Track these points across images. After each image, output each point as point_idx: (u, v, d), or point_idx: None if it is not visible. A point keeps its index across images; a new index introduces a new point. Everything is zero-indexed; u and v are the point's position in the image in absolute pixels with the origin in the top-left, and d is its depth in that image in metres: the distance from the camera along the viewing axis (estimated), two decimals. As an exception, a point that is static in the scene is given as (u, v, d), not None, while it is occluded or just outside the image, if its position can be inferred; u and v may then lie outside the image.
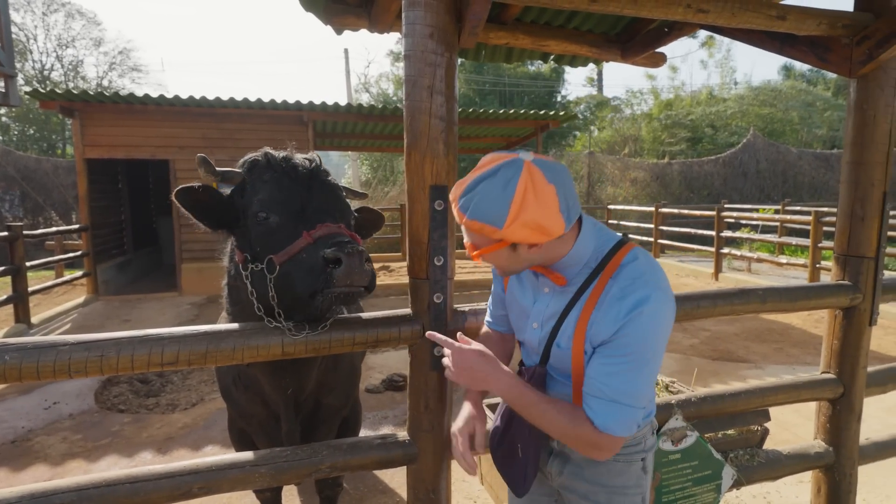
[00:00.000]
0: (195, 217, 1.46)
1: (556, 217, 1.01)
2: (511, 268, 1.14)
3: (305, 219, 1.41)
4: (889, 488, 2.82)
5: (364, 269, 1.27)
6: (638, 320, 1.03)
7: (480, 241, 1.07)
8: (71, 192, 14.20)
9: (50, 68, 23.73)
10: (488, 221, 1.00)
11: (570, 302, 1.13)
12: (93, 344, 1.25)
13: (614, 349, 1.06)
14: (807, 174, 18.19)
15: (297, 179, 1.47)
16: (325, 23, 2.51)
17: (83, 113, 7.53)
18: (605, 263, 1.10)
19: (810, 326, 6.36)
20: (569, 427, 1.08)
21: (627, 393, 1.05)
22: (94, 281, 7.98)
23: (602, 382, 1.06)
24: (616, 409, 1.06)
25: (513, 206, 0.98)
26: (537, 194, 0.99)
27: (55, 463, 3.19)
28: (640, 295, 1.04)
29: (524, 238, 1.02)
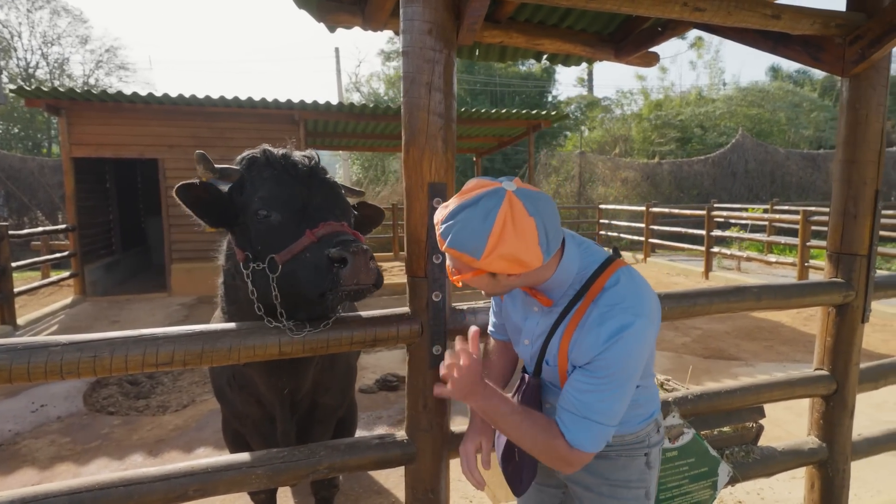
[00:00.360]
0: (195, 214, 1.43)
1: (535, 250, 1.02)
2: (494, 291, 1.15)
3: (307, 217, 1.39)
4: (880, 483, 2.85)
5: (370, 268, 1.27)
6: (615, 347, 1.05)
7: (461, 266, 1.09)
8: (57, 191, 13.99)
9: (35, 66, 23.39)
10: (467, 251, 1.01)
11: (556, 322, 1.16)
12: (85, 344, 1.23)
13: (592, 370, 1.08)
14: (794, 174, 18.41)
15: (298, 177, 1.45)
16: (318, 20, 2.49)
17: (70, 111, 7.42)
18: (589, 286, 1.12)
19: (799, 324, 6.44)
20: (541, 439, 1.10)
21: (600, 411, 1.07)
22: (81, 281, 7.86)
23: (576, 399, 1.09)
24: (587, 425, 1.08)
25: (491, 238, 0.99)
26: (516, 227, 0.99)
27: (43, 466, 3.13)
28: (618, 323, 1.05)
29: (501, 269, 1.03)
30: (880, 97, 1.97)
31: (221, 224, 1.49)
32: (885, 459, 2.89)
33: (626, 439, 1.25)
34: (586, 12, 2.67)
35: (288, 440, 1.74)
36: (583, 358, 1.09)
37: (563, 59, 3.25)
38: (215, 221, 1.47)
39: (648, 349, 1.11)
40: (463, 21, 1.47)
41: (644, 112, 23.16)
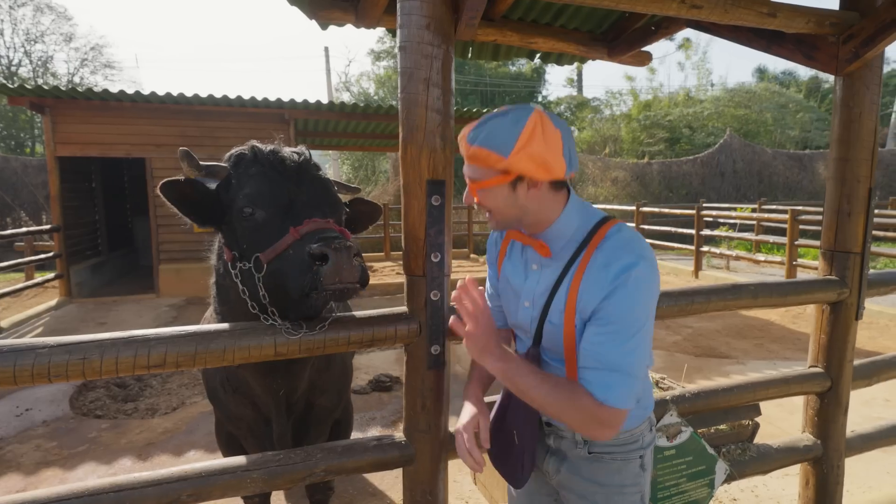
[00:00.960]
0: (181, 212, 1.39)
1: (560, 158, 1.06)
2: (505, 215, 1.14)
3: (293, 214, 1.35)
4: (871, 479, 2.88)
5: (353, 265, 1.22)
6: (625, 287, 1.03)
7: (482, 174, 1.10)
8: (41, 191, 13.75)
9: (18, 64, 23.00)
10: (494, 149, 1.04)
11: (560, 277, 1.13)
12: (74, 346, 1.19)
13: (605, 318, 1.05)
14: (781, 174, 18.64)
15: (285, 173, 1.41)
16: (310, 17, 2.45)
17: (55, 109, 7.29)
18: (591, 236, 1.12)
19: (788, 322, 6.50)
20: (567, 403, 1.05)
21: (623, 361, 1.04)
22: (66, 283, 7.72)
23: (596, 352, 1.05)
24: (614, 378, 1.04)
25: (521, 137, 1.03)
26: (545, 133, 1.04)
27: (29, 472, 3.06)
28: (626, 261, 1.05)
29: (527, 170, 1.05)
30: (873, 95, 1.98)
31: (209, 223, 1.45)
32: (876, 455, 2.91)
33: (619, 437, 1.21)
34: (580, 11, 2.66)
35: (284, 443, 1.70)
36: (592, 303, 1.06)
37: (556, 58, 3.25)
38: (202, 220, 1.43)
39: (656, 294, 1.09)
40: (461, 16, 1.45)
41: (633, 112, 23.32)
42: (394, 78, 23.41)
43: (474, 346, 1.12)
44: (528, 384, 1.08)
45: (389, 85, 23.50)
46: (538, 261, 1.19)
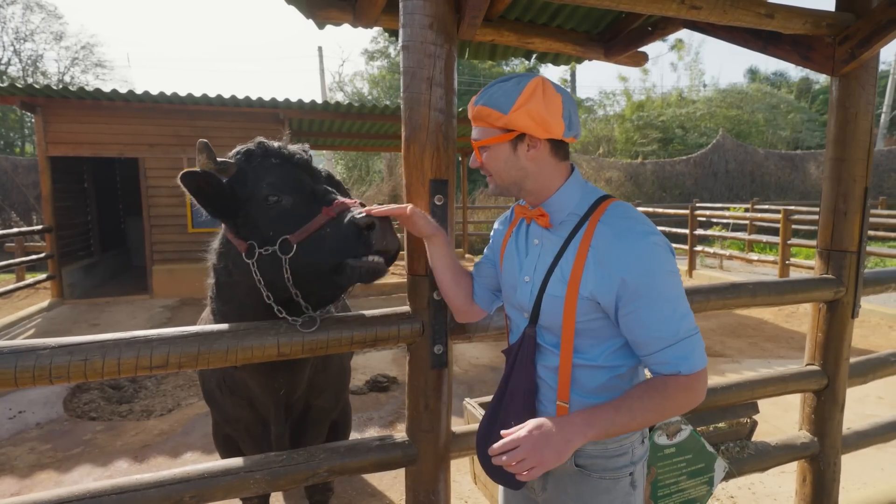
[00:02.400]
0: (199, 202, 1.40)
1: (559, 119, 1.09)
2: (506, 177, 1.16)
3: (318, 199, 1.42)
4: (865, 476, 2.91)
5: (394, 234, 1.32)
6: (653, 253, 1.02)
7: (485, 133, 1.14)
8: (32, 191, 13.62)
9: (7, 62, 22.76)
10: (495, 107, 1.09)
11: (562, 248, 1.12)
12: (76, 347, 1.18)
13: (640, 291, 1.02)
14: (773, 174, 18.79)
15: (299, 165, 1.48)
16: (307, 16, 2.45)
17: (46, 109, 7.21)
18: (593, 210, 1.13)
19: (782, 321, 6.56)
20: (662, 399, 1.02)
21: (685, 325, 1.03)
22: (58, 284, 7.64)
23: (658, 331, 1.02)
24: (687, 345, 1.02)
25: (521, 95, 1.07)
26: (546, 95, 1.08)
27: (23, 475, 3.02)
28: (643, 229, 1.05)
29: (526, 127, 1.08)
30: (869, 96, 2.00)
31: (223, 216, 1.46)
32: (870, 452, 2.95)
33: (609, 447, 1.14)
34: (577, 11, 2.67)
35: (282, 444, 1.70)
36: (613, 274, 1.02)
37: (552, 58, 3.26)
38: (217, 212, 1.44)
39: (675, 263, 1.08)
40: (464, 15, 1.45)
41: (626, 113, 23.42)
42: (388, 78, 23.38)
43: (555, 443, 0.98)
44: (624, 421, 1.02)
45: (383, 85, 23.47)
46: (539, 235, 1.19)
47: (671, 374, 1.04)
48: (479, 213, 15.27)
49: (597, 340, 1.11)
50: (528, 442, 0.98)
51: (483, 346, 5.39)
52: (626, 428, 1.03)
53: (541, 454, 0.97)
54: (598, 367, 1.12)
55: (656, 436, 1.79)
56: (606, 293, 1.04)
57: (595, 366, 1.12)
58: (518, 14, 2.68)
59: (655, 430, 1.81)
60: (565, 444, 0.98)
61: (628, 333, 1.07)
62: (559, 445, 0.98)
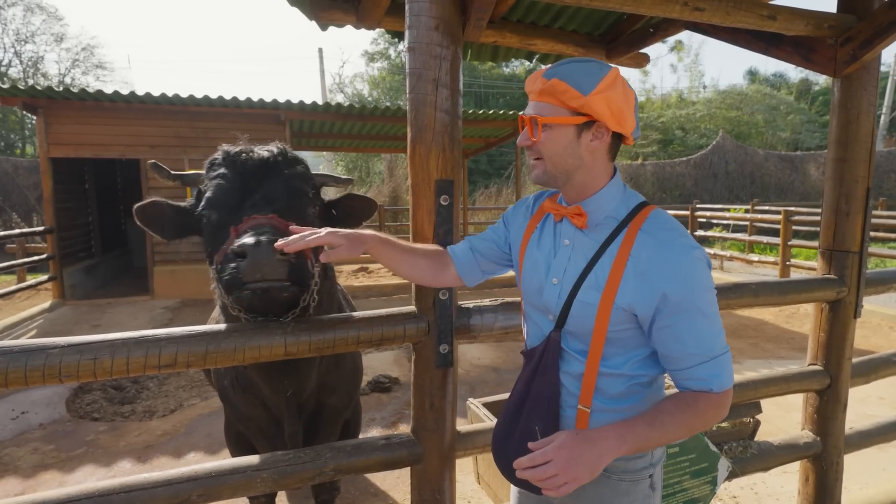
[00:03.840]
0: (151, 230, 1.44)
1: (633, 115, 1.05)
2: (558, 164, 1.08)
3: (241, 214, 1.34)
4: (867, 475, 2.91)
5: (275, 260, 1.15)
6: (697, 268, 1.00)
7: (552, 111, 1.04)
8: (33, 192, 13.63)
9: (8, 64, 22.79)
10: (575, 84, 1.00)
11: (597, 253, 1.07)
12: (85, 346, 1.19)
13: (679, 307, 0.99)
14: (773, 175, 18.81)
15: (246, 173, 1.40)
16: (310, 18, 2.46)
17: (47, 110, 7.22)
18: (633, 216, 1.07)
19: (782, 322, 6.56)
20: (693, 416, 1.01)
21: (719, 344, 1.02)
22: (60, 285, 7.65)
23: (693, 347, 1.00)
24: (720, 363, 1.01)
25: (604, 80, 1.00)
26: (625, 87, 1.03)
27: (27, 475, 3.03)
28: (687, 242, 1.02)
29: (602, 115, 1.01)
30: (870, 97, 2.01)
31: (181, 235, 1.49)
32: (872, 453, 2.95)
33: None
34: (578, 13, 2.68)
35: (296, 442, 1.70)
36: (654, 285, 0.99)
37: (554, 59, 3.27)
38: (172, 234, 1.47)
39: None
40: (469, 17, 1.46)
41: (626, 114, 23.43)
42: (388, 79, 23.41)
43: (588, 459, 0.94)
44: (657, 436, 0.99)
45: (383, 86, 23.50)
46: (571, 236, 1.12)
47: (701, 391, 1.02)
48: (479, 214, 15.29)
49: (624, 349, 1.08)
50: (562, 457, 0.92)
51: (484, 346, 5.39)
52: (657, 443, 1.01)
53: (574, 471, 0.92)
54: (622, 376, 1.09)
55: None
56: (645, 306, 1.01)
57: (619, 374, 1.09)
58: (520, 15, 2.69)
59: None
60: (598, 458, 0.94)
61: (661, 347, 1.04)
62: (592, 461, 0.94)
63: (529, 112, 1.08)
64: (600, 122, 1.03)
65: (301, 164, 1.52)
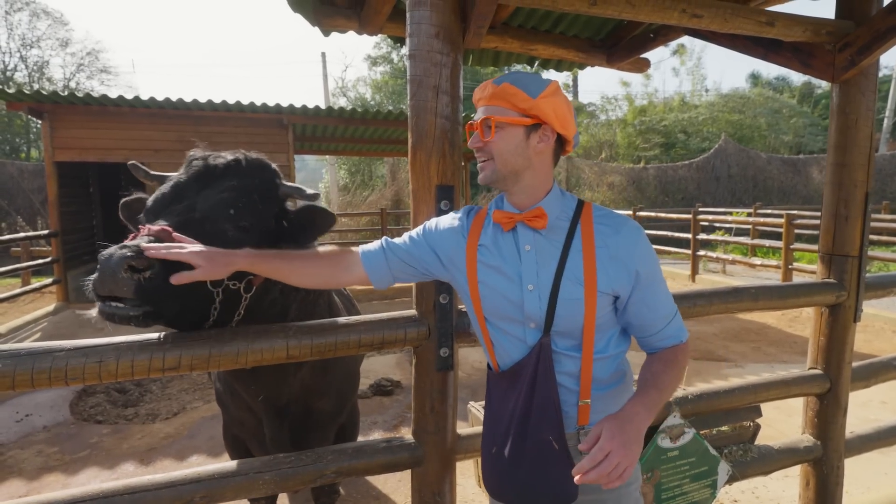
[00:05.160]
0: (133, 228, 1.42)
1: (573, 122, 1.15)
2: (507, 163, 1.12)
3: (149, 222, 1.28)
4: (869, 480, 2.91)
5: (118, 278, 1.06)
6: (644, 244, 1.14)
7: (503, 112, 1.11)
8: (37, 196, 13.70)
9: (13, 69, 22.95)
10: (524, 88, 1.09)
11: (564, 251, 1.12)
12: (91, 349, 1.21)
13: (648, 277, 1.13)
14: (775, 179, 18.78)
15: (191, 179, 1.36)
16: (313, 24, 2.48)
17: (53, 115, 7.28)
18: (580, 210, 1.17)
19: (785, 326, 6.55)
20: (678, 369, 1.14)
21: (671, 301, 1.18)
22: (64, 288, 7.68)
23: (662, 309, 1.16)
24: (678, 317, 1.19)
25: (548, 87, 1.10)
26: (566, 98, 1.14)
27: (31, 477, 3.05)
28: (630, 224, 1.15)
29: (549, 117, 1.10)
30: (869, 102, 2.03)
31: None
32: (874, 457, 2.95)
33: None
34: (579, 18, 2.70)
35: (280, 446, 1.70)
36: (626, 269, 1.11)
37: (555, 64, 3.29)
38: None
39: None
40: (470, 25, 1.48)
41: (629, 118, 23.46)
42: (390, 83, 23.48)
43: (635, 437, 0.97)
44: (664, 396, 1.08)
45: (386, 90, 23.57)
46: (531, 240, 1.14)
47: (676, 345, 1.17)
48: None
49: (604, 333, 1.16)
50: (618, 445, 0.93)
51: (486, 350, 5.40)
52: (661, 404, 1.09)
53: (632, 452, 0.95)
54: (608, 357, 1.16)
55: (660, 439, 1.81)
56: (625, 285, 1.12)
57: (606, 356, 1.16)
58: (521, 21, 2.71)
59: (659, 433, 1.82)
60: (639, 434, 0.99)
61: (635, 318, 1.16)
62: (637, 437, 0.98)
63: (480, 116, 1.14)
64: (546, 125, 1.12)
65: (258, 176, 1.41)
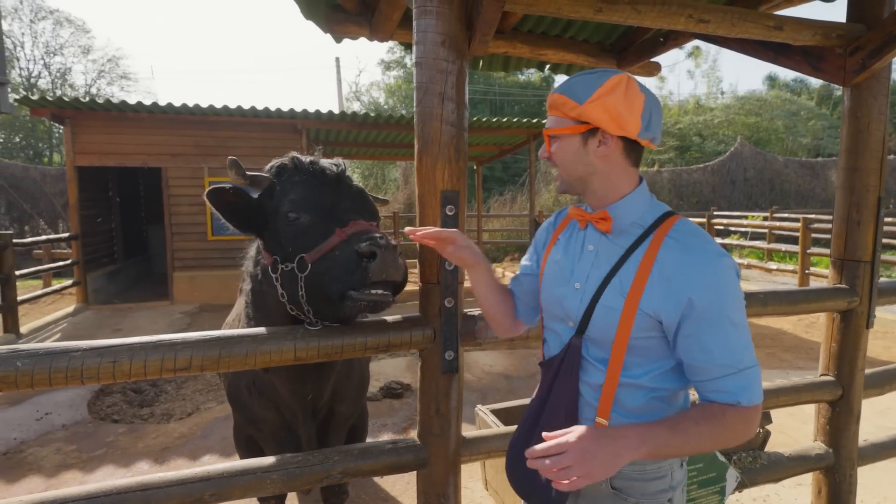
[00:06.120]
0: (225, 218, 1.45)
1: (636, 117, 1.03)
2: (572, 171, 1.11)
3: (336, 218, 1.43)
4: (886, 489, 2.85)
5: (398, 264, 1.29)
6: (726, 275, 0.98)
7: (557, 122, 1.10)
8: (59, 200, 14.03)
9: (37, 76, 23.54)
10: (571, 96, 1.05)
11: (622, 258, 1.06)
12: (105, 350, 1.25)
13: (706, 314, 0.97)
14: (793, 182, 18.50)
15: (326, 181, 1.49)
16: (325, 31, 2.53)
17: (74, 120, 7.47)
18: (659, 223, 1.07)
19: (801, 331, 6.44)
20: (720, 428, 0.97)
21: (746, 354, 0.99)
22: (83, 290, 7.87)
23: (721, 357, 0.97)
24: (749, 376, 0.98)
25: (601, 88, 1.02)
26: (627, 92, 1.03)
27: (49, 475, 3.13)
28: (715, 250, 1.00)
29: (599, 120, 1.03)
30: (881, 106, 2.00)
31: (250, 229, 1.51)
32: (890, 465, 2.90)
33: (647, 470, 1.07)
34: (588, 23, 2.71)
35: (311, 447, 1.75)
36: (680, 290, 0.98)
37: (565, 68, 3.30)
38: (244, 227, 1.49)
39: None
40: (475, 32, 1.51)
41: (643, 120, 23.27)
42: (404, 87, 23.62)
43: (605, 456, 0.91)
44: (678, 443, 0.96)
45: (399, 94, 23.71)
46: (595, 241, 1.12)
47: (729, 404, 0.98)
48: (493, 222, 15.29)
49: (646, 360, 1.05)
50: (577, 448, 0.91)
51: (497, 353, 5.40)
52: (678, 451, 0.98)
53: (589, 464, 0.90)
54: (641, 387, 1.06)
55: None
56: (670, 311, 0.99)
57: (638, 385, 1.05)
58: (531, 26, 2.73)
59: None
60: (615, 457, 0.92)
61: (686, 356, 1.01)
62: (608, 458, 0.91)
63: (546, 125, 1.15)
64: (602, 129, 1.05)
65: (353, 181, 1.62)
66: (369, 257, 1.27)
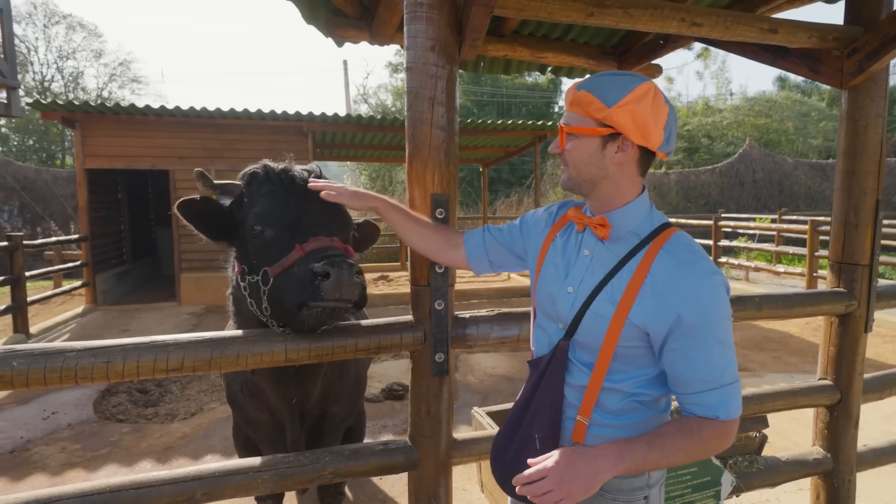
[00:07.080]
0: (196, 228, 1.47)
1: (660, 129, 1.03)
2: (582, 173, 1.10)
3: (300, 232, 1.40)
4: (888, 495, 2.82)
5: (353, 283, 1.27)
6: (714, 292, 0.99)
7: (578, 121, 1.07)
8: (70, 202, 14.23)
9: (50, 79, 23.89)
10: (600, 96, 1.02)
11: (616, 267, 1.07)
12: (99, 350, 1.27)
13: (694, 330, 0.98)
14: (802, 184, 18.32)
15: (295, 191, 1.46)
16: (326, 35, 2.56)
17: (84, 124, 7.57)
18: (656, 234, 1.08)
19: (808, 335, 6.38)
20: (695, 442, 1.00)
21: (728, 371, 1.00)
22: (92, 291, 7.97)
23: (704, 372, 0.99)
24: (728, 391, 1.00)
25: (631, 94, 1.00)
26: (654, 102, 1.01)
27: (54, 473, 3.17)
28: (707, 266, 1.01)
29: (625, 127, 1.01)
30: (879, 108, 1.99)
31: (222, 238, 1.53)
32: (892, 471, 2.86)
33: None
34: (588, 27, 2.72)
35: (298, 448, 1.76)
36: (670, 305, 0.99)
37: (566, 71, 3.30)
38: (216, 236, 1.51)
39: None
40: (465, 38, 1.52)
41: (651, 122, 23.16)
42: (411, 90, 23.67)
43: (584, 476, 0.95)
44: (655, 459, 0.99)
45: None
46: (591, 246, 1.13)
47: (707, 418, 1.01)
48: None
49: (631, 367, 1.07)
50: (556, 473, 0.95)
51: (499, 355, 5.40)
52: (655, 465, 1.00)
53: (569, 487, 0.94)
54: (620, 392, 1.08)
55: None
56: (658, 325, 1.01)
57: (618, 390, 1.08)
58: (531, 29, 2.74)
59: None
60: (594, 476, 0.95)
61: (670, 368, 1.03)
62: (588, 478, 0.95)
63: (562, 121, 1.12)
64: (624, 135, 1.03)
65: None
66: (323, 276, 1.26)
